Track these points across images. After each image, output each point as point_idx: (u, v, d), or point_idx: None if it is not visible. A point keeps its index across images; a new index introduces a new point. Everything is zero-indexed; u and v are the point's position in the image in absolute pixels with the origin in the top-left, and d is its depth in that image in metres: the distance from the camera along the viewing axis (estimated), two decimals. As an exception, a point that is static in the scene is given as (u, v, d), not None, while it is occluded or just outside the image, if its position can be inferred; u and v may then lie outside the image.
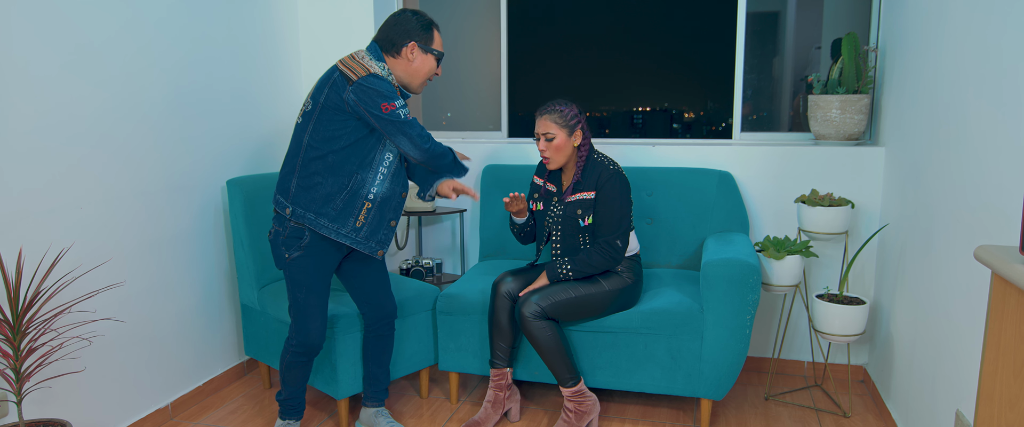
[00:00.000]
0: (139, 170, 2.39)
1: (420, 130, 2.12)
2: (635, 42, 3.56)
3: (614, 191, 2.39)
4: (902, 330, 2.42)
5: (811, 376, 2.99)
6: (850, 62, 2.78)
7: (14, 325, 1.73)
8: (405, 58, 2.16)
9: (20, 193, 1.97)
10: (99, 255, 2.24)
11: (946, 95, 2.07)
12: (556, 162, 2.44)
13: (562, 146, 2.41)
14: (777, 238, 2.65)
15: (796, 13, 3.32)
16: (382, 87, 2.05)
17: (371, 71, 2.07)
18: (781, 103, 3.35)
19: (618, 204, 2.39)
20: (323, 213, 2.13)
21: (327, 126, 2.09)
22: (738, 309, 2.33)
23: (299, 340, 2.23)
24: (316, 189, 2.13)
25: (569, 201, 2.45)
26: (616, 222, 2.39)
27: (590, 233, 2.45)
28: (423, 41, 2.16)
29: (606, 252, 2.40)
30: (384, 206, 2.20)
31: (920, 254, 2.25)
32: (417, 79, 2.20)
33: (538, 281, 2.47)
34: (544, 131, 2.41)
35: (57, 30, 2.06)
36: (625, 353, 2.48)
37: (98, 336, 2.24)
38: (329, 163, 2.11)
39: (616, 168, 2.43)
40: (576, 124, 2.43)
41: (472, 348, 2.65)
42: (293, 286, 2.20)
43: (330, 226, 2.14)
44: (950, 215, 1.99)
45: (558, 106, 2.42)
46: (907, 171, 2.44)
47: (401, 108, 2.07)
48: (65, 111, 2.10)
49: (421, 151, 2.13)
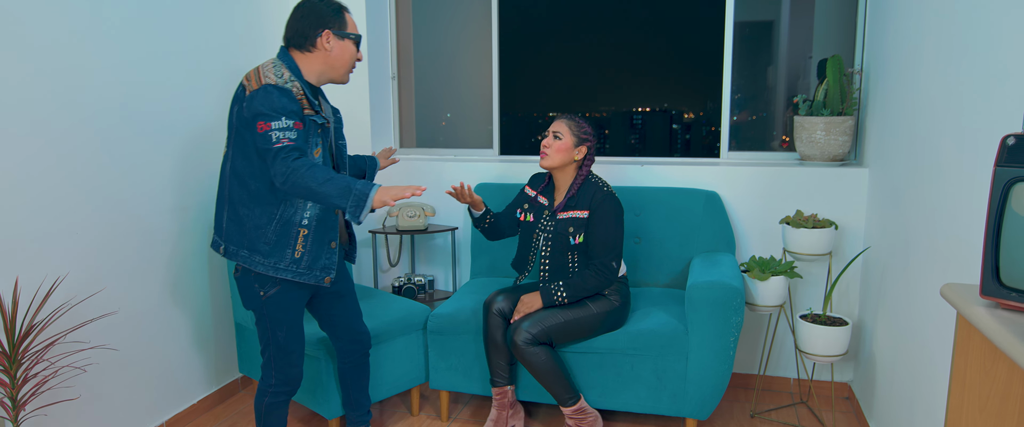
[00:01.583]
0: (133, 192, 2.43)
1: (286, 167, 1.80)
2: (634, 44, 3.57)
3: (609, 213, 2.43)
4: (884, 350, 2.46)
5: (797, 393, 3.04)
6: (834, 84, 2.83)
7: (11, 355, 1.77)
8: (322, 49, 1.98)
9: (14, 220, 2.01)
10: (93, 282, 2.28)
11: (922, 123, 2.12)
12: (552, 161, 2.47)
13: (565, 150, 2.46)
14: (762, 258, 2.69)
15: (789, 22, 3.36)
16: (266, 102, 1.83)
17: (266, 81, 1.86)
18: (776, 111, 3.38)
19: (613, 226, 2.43)
20: (256, 249, 1.95)
21: (242, 150, 1.91)
22: (722, 331, 2.37)
23: (280, 380, 2.09)
24: (244, 222, 1.94)
25: (561, 218, 2.48)
26: (611, 244, 2.43)
27: (579, 252, 2.47)
28: (337, 26, 1.98)
29: (601, 274, 2.43)
30: (321, 229, 2.01)
31: (899, 277, 2.30)
32: (340, 68, 2.03)
33: (531, 303, 2.47)
34: (556, 129, 2.48)
35: (51, 58, 2.10)
36: (612, 373, 2.52)
37: (92, 364, 2.28)
38: (251, 191, 1.92)
39: (610, 191, 2.47)
40: (586, 140, 2.49)
41: (463, 367, 2.69)
42: (272, 325, 2.02)
43: (266, 262, 1.95)
44: (925, 242, 2.04)
45: (576, 118, 2.51)
46: (888, 194, 2.49)
47: (279, 130, 1.82)
48: (61, 142, 2.15)
49: (283, 182, 1.82)
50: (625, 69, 3.64)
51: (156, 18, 2.48)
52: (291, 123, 1.83)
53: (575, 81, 3.69)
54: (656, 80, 3.65)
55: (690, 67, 3.52)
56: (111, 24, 2.29)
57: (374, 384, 2.62)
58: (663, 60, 3.59)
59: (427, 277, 3.30)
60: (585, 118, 2.58)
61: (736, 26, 3.14)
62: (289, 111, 1.83)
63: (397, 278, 3.28)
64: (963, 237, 1.74)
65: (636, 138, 3.71)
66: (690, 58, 3.48)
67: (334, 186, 1.80)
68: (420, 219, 3.20)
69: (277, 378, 2.09)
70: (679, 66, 3.57)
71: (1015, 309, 1.19)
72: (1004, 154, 1.19)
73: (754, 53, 3.34)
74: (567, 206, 2.48)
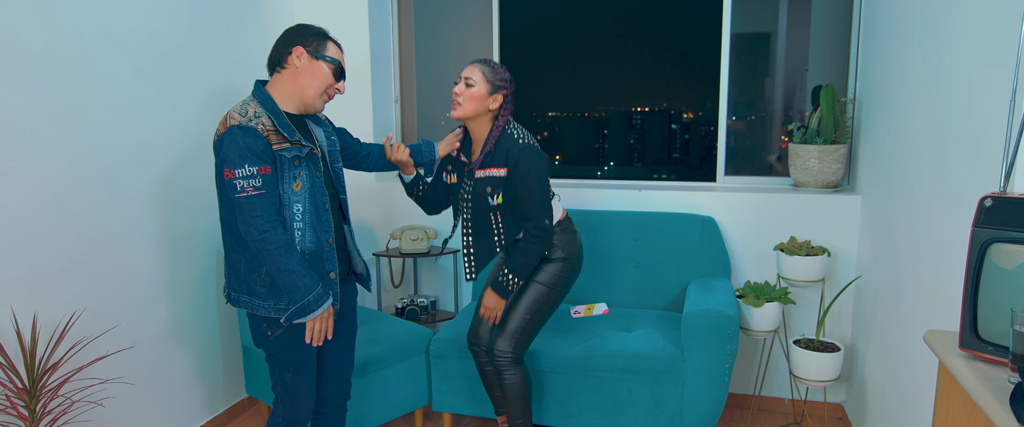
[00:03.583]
0: (142, 221, 2.49)
1: (259, 234, 1.76)
2: (633, 45, 3.61)
3: (529, 170, 2.19)
4: (875, 374, 2.53)
5: (791, 413, 3.10)
6: (828, 113, 2.90)
7: (31, 390, 1.83)
8: (292, 66, 1.87)
9: (32, 254, 2.07)
10: (109, 314, 2.34)
11: (911, 156, 2.19)
12: (464, 110, 2.23)
13: (478, 98, 2.21)
14: (757, 284, 2.76)
15: (786, 34, 3.41)
16: (232, 147, 1.74)
17: (231, 123, 1.78)
18: (773, 124, 3.44)
19: (536, 183, 2.20)
20: (255, 293, 1.89)
21: (224, 195, 1.86)
22: (717, 358, 2.44)
23: (286, 420, 2.03)
24: (237, 267, 1.90)
25: (479, 177, 2.27)
26: (538, 202, 2.22)
27: (502, 212, 2.28)
28: (313, 46, 1.88)
29: (537, 237, 2.25)
30: (314, 261, 1.92)
31: (890, 307, 2.37)
32: (310, 91, 1.89)
33: (494, 307, 2.34)
34: (467, 75, 2.22)
35: (56, 102, 2.17)
36: (610, 397, 2.58)
37: (109, 398, 2.34)
38: (238, 237, 1.86)
39: (528, 142, 2.23)
40: (502, 87, 2.24)
41: (465, 390, 2.75)
42: (280, 366, 1.96)
43: (266, 304, 1.89)
44: (914, 277, 2.11)
45: (493, 62, 2.26)
46: (880, 222, 2.56)
47: (243, 179, 1.74)
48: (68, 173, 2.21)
49: (250, 241, 1.79)
50: (625, 69, 3.67)
51: (166, 70, 2.55)
52: (255, 169, 1.75)
53: (575, 81, 3.72)
54: (656, 80, 3.68)
55: (689, 68, 3.54)
56: (122, 77, 2.36)
57: (378, 407, 2.68)
58: (663, 61, 3.62)
59: (429, 298, 3.36)
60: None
61: (733, 38, 3.19)
62: (253, 154, 1.75)
63: (400, 299, 3.35)
64: (947, 278, 1.81)
65: (635, 138, 3.75)
66: (689, 60, 3.51)
67: (292, 279, 1.80)
68: (422, 242, 3.26)
69: (284, 418, 2.04)
70: (679, 66, 3.59)
71: (992, 362, 1.26)
72: (982, 215, 1.26)
73: (751, 65, 3.39)
74: (484, 164, 2.26)
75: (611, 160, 3.81)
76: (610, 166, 3.81)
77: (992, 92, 1.58)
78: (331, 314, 1.92)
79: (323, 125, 2.10)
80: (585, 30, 3.66)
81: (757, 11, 3.37)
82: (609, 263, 3.03)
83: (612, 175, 3.77)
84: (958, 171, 1.78)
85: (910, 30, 2.24)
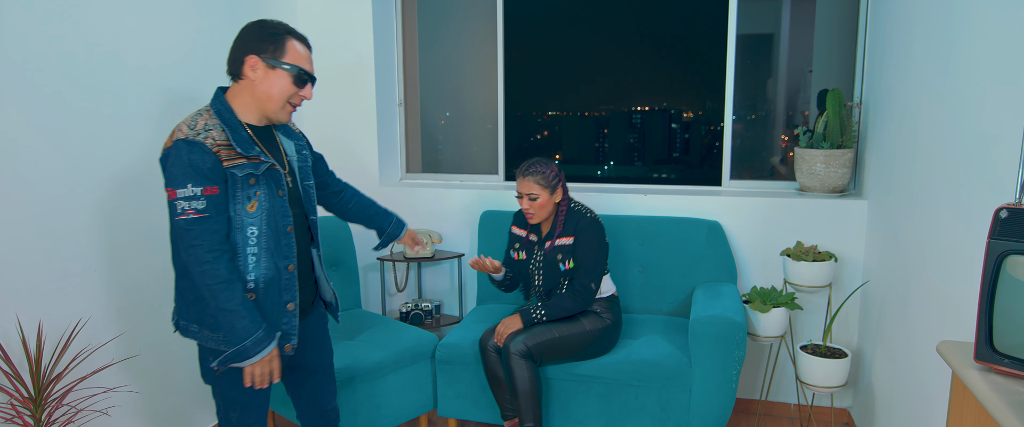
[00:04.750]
0: (147, 226, 2.49)
1: (200, 264, 1.59)
2: (633, 44, 3.61)
3: (591, 238, 2.55)
4: (882, 380, 2.52)
5: (797, 418, 3.09)
6: (834, 118, 2.88)
7: (36, 399, 1.83)
8: (247, 77, 1.70)
9: (37, 262, 2.06)
10: (114, 322, 2.33)
11: (919, 161, 2.17)
12: (539, 217, 2.60)
13: (545, 204, 2.57)
14: (764, 289, 2.75)
15: (789, 35, 3.40)
16: (175, 164, 1.59)
17: (177, 136, 1.62)
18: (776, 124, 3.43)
19: (594, 249, 2.55)
20: (203, 322, 1.71)
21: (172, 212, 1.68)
22: (724, 365, 2.43)
23: None
24: (185, 294, 1.72)
25: (549, 247, 2.60)
26: (592, 267, 2.54)
27: (570, 276, 2.59)
28: (269, 53, 1.69)
29: (579, 295, 2.54)
30: (270, 290, 1.73)
31: (898, 314, 2.36)
32: (270, 104, 1.72)
33: (511, 324, 2.53)
34: (528, 192, 2.56)
35: (52, 91, 2.16)
36: (618, 403, 2.57)
37: (115, 407, 2.34)
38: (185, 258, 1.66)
39: (593, 216, 2.61)
40: (557, 183, 2.59)
41: (471, 395, 2.74)
42: (226, 404, 1.79)
43: (215, 336, 1.70)
44: (923, 284, 2.09)
45: (540, 167, 2.55)
46: (887, 227, 2.55)
47: (184, 200, 1.57)
48: (63, 182, 2.20)
49: (190, 271, 1.62)
50: (625, 68, 3.66)
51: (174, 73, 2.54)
52: (198, 190, 1.58)
53: (575, 80, 3.71)
54: (656, 79, 3.67)
55: (689, 67, 3.54)
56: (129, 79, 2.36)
57: (383, 412, 2.67)
58: (663, 60, 3.61)
59: (434, 302, 3.35)
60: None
61: (737, 38, 3.17)
62: (198, 172, 1.58)
63: (404, 304, 3.34)
64: (958, 286, 1.79)
65: (635, 137, 3.74)
66: (689, 60, 3.51)
67: (230, 320, 1.62)
68: (428, 247, 3.25)
69: None
70: (679, 66, 3.59)
71: (1008, 374, 1.24)
72: (997, 227, 1.25)
73: (754, 65, 3.38)
74: (554, 237, 2.60)
75: (611, 159, 3.80)
76: (610, 165, 3.79)
77: (1006, 100, 1.57)
78: (274, 357, 1.70)
79: (295, 137, 1.92)
80: (585, 30, 3.65)
81: (760, 12, 3.36)
82: (615, 268, 3.02)
83: (612, 174, 3.76)
84: (969, 178, 1.77)
85: (917, 35, 2.23)
